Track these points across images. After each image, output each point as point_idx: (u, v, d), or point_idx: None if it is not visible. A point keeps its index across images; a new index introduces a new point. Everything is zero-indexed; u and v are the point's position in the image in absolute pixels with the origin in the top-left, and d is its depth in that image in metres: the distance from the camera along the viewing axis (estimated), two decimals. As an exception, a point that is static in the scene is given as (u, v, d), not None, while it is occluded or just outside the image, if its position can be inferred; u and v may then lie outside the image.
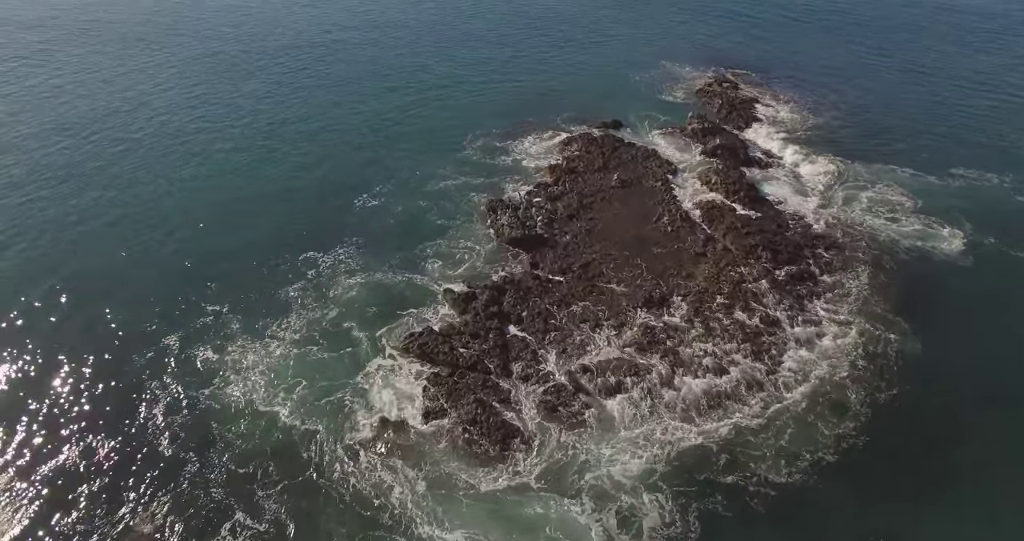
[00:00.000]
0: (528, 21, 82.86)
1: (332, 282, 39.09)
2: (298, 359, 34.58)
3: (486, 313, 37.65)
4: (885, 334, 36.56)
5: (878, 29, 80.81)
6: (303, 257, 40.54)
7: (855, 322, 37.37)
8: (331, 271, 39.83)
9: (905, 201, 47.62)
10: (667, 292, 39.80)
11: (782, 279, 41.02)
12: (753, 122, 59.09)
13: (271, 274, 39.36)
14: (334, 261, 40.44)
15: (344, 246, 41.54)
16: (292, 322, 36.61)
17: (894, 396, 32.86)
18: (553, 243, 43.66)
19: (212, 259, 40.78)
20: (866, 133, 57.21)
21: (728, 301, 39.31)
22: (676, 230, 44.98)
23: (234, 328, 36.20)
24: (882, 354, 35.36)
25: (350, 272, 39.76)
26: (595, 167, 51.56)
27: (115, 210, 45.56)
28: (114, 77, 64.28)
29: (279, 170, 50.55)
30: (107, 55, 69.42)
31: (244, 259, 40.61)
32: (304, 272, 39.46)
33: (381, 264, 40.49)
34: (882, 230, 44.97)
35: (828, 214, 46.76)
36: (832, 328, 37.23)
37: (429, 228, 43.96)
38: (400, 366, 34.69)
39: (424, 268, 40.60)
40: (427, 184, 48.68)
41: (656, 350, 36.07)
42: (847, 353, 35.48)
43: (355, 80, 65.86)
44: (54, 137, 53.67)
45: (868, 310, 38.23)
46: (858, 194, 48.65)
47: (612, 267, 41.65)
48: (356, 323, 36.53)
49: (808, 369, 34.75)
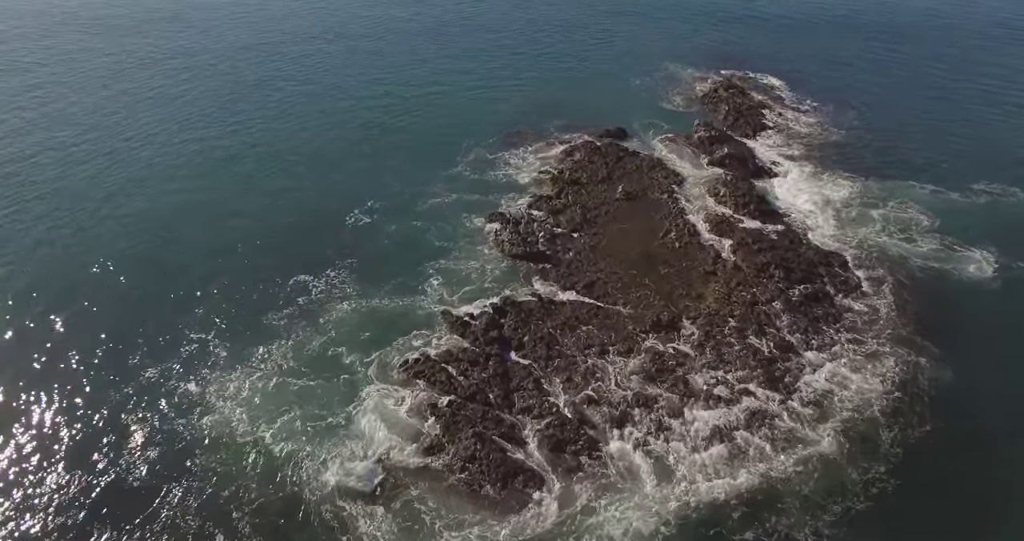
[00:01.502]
0: (524, 24, 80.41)
1: (324, 307, 36.91)
2: (287, 389, 32.51)
3: (485, 338, 35.66)
4: (911, 363, 34.31)
5: (889, 31, 78.23)
6: (293, 281, 38.32)
7: (878, 349, 35.24)
8: (323, 296, 37.63)
9: (923, 219, 44.93)
10: (676, 315, 37.83)
11: (796, 300, 39.06)
12: (761, 130, 57.09)
13: (260, 299, 37.20)
14: (326, 285, 38.21)
15: (336, 268, 39.32)
16: (281, 350, 34.50)
17: (927, 433, 30.56)
18: (556, 260, 41.64)
19: (199, 283, 38.61)
20: (880, 144, 54.53)
21: (740, 324, 37.35)
22: (684, 246, 42.99)
23: (220, 357, 34.12)
24: (909, 385, 33.07)
25: (342, 297, 37.53)
26: (599, 178, 49.53)
27: (97, 227, 43.36)
28: (99, 86, 61.76)
29: (268, 183, 48.02)
30: (89, 62, 67.12)
31: (232, 283, 38.44)
32: (294, 297, 37.30)
33: (374, 287, 38.27)
34: (899, 250, 42.44)
35: (841, 231, 44.62)
36: (853, 355, 35.22)
37: (424, 247, 41.71)
38: (395, 396, 32.66)
39: (420, 290, 38.42)
40: (421, 198, 46.32)
41: (665, 379, 34.13)
42: (871, 384, 33.35)
43: (345, 87, 63.06)
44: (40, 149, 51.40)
45: (891, 336, 36.01)
46: (873, 210, 45.90)
47: (618, 287, 39.66)
48: (348, 350, 34.49)
49: (829, 401, 32.71)
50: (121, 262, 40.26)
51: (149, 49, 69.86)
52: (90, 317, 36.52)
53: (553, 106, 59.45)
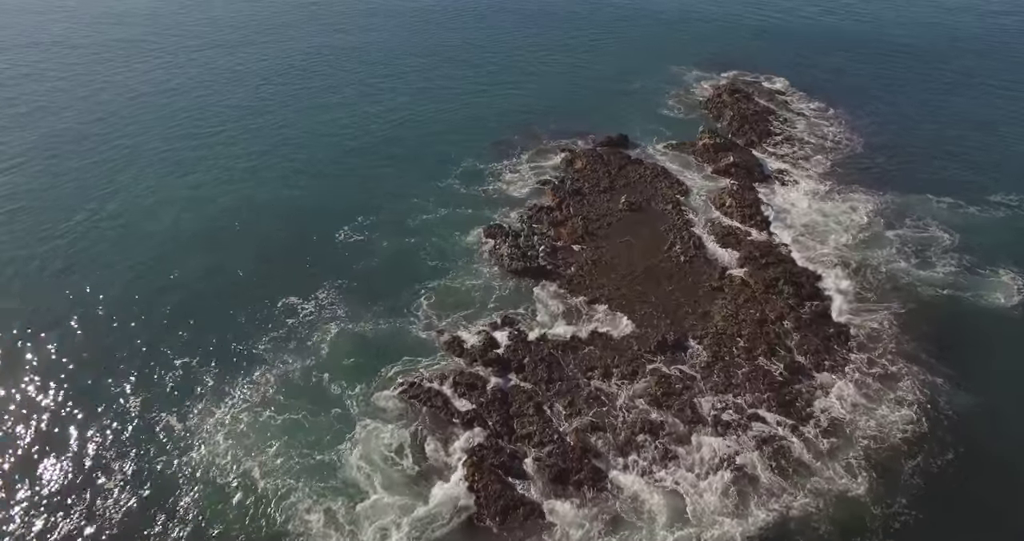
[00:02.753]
0: (521, 26, 78.80)
1: (313, 332, 35.11)
2: (273, 422, 30.71)
3: (484, 360, 34.16)
4: (929, 388, 32.66)
5: (897, 35, 76.50)
6: (282, 303, 36.58)
7: (894, 373, 33.65)
8: (312, 318, 35.90)
9: (943, 236, 42.68)
10: (681, 334, 36.32)
11: (807, 317, 37.56)
12: (767, 137, 55.59)
13: (247, 322, 35.49)
14: (315, 307, 36.47)
15: (326, 289, 37.55)
16: (268, 378, 32.77)
17: (948, 462, 29.07)
18: (556, 275, 40.12)
19: (184, 304, 36.93)
20: (892, 153, 52.63)
21: (749, 344, 35.86)
22: (689, 260, 41.50)
23: (205, 385, 32.45)
24: (928, 412, 31.44)
25: (332, 320, 35.80)
26: (601, 188, 48.03)
27: (78, 244, 41.70)
28: (73, 100, 59.85)
29: (255, 199, 46.05)
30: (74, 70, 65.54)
31: (219, 304, 36.73)
32: (282, 320, 35.58)
33: (366, 310, 36.46)
34: (917, 274, 40.07)
35: (851, 243, 42.95)
36: (867, 379, 33.69)
37: (418, 264, 39.93)
38: (388, 426, 30.79)
39: (413, 312, 36.66)
40: (414, 212, 44.48)
41: (671, 403, 32.62)
42: (888, 410, 31.77)
43: (331, 99, 60.92)
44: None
45: (905, 358, 34.41)
46: (889, 231, 43.69)
47: (621, 304, 38.15)
48: (338, 379, 32.70)
49: (845, 428, 31.18)
50: (103, 283, 38.54)
51: (126, 56, 68.17)
52: (71, 341, 34.94)
53: (551, 112, 57.98)
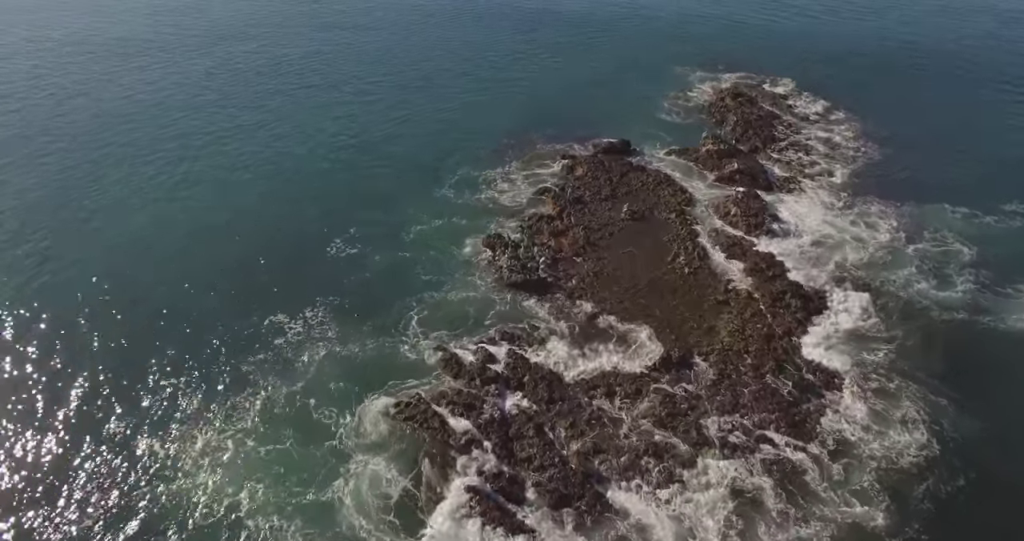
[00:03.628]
0: (517, 26, 77.41)
1: (301, 352, 33.65)
2: (258, 454, 29.11)
3: (482, 378, 33.04)
4: (938, 411, 31.43)
5: (906, 36, 74.95)
6: (269, 321, 35.22)
7: (904, 394, 32.39)
8: (301, 338, 34.47)
9: (962, 250, 40.84)
10: (686, 351, 35.19)
11: (815, 332, 36.44)
12: (772, 142, 54.39)
13: (234, 341, 34.15)
14: (304, 326, 35.08)
15: (316, 307, 36.14)
16: (254, 403, 31.32)
17: (959, 488, 28.03)
18: (557, 288, 38.99)
19: (169, 321, 35.60)
20: (902, 159, 50.70)
21: (756, 361, 34.75)
22: (694, 272, 40.37)
23: (189, 409, 31.11)
24: (937, 434, 30.27)
25: (322, 340, 34.35)
26: (602, 196, 46.88)
27: (57, 248, 40.56)
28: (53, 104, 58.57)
29: (242, 211, 44.25)
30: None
31: (204, 322, 35.34)
32: (270, 340, 34.19)
33: (357, 329, 35.02)
34: (934, 288, 38.52)
35: (868, 259, 41.38)
36: (878, 401, 32.46)
37: (413, 279, 38.51)
38: (383, 460, 29.14)
39: (408, 329, 35.27)
40: (408, 223, 42.98)
41: (676, 424, 31.50)
42: (898, 434, 30.59)
43: (319, 103, 59.13)
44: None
45: (917, 380, 32.99)
46: (903, 236, 42.39)
47: (624, 319, 37.02)
48: (329, 405, 31.14)
49: (854, 452, 30.04)
50: (78, 294, 37.15)
51: (123, 54, 67.16)
52: (43, 356, 33.71)
53: (550, 116, 56.50)
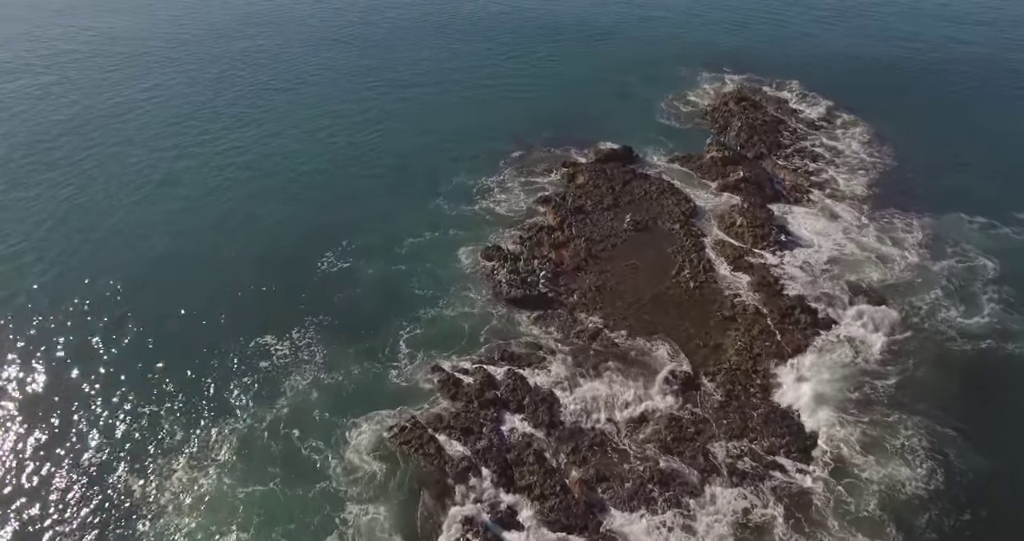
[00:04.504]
0: (515, 27, 75.66)
1: (288, 377, 32.11)
2: (240, 494, 27.50)
3: (480, 401, 31.79)
4: (948, 443, 29.80)
5: (916, 38, 72.89)
6: (255, 343, 33.74)
7: (912, 424, 30.76)
8: (288, 362, 32.94)
9: (986, 265, 39.21)
10: (692, 370, 33.96)
11: (825, 349, 35.21)
12: (778, 149, 53.01)
13: (219, 365, 32.75)
14: (291, 348, 33.57)
15: (304, 327, 34.67)
16: (238, 434, 29.72)
17: (966, 522, 26.76)
18: (558, 304, 37.73)
19: (152, 342, 34.20)
20: (913, 164, 49.17)
21: (765, 382, 33.53)
22: (699, 286, 39.12)
23: (171, 439, 29.68)
24: (944, 465, 28.84)
25: (310, 363, 32.88)
26: (604, 205, 45.57)
27: (38, 265, 39.22)
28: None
29: (228, 223, 42.89)
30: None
31: (189, 343, 33.99)
32: (256, 364, 32.69)
33: (347, 351, 33.55)
34: (960, 313, 36.78)
35: (889, 277, 39.70)
36: (884, 427, 31.03)
37: (407, 295, 37.12)
38: (379, 505, 27.48)
39: (401, 351, 33.89)
40: (402, 235, 41.53)
41: (683, 449, 30.29)
42: (906, 464, 29.12)
43: (307, 109, 57.46)
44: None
45: (928, 407, 31.45)
46: (921, 251, 40.92)
47: (627, 336, 35.78)
48: (318, 436, 29.56)
49: (864, 481, 28.73)
50: (55, 318, 35.72)
51: (118, 56, 65.75)
52: (18, 379, 32.46)
53: (549, 122, 55.03)
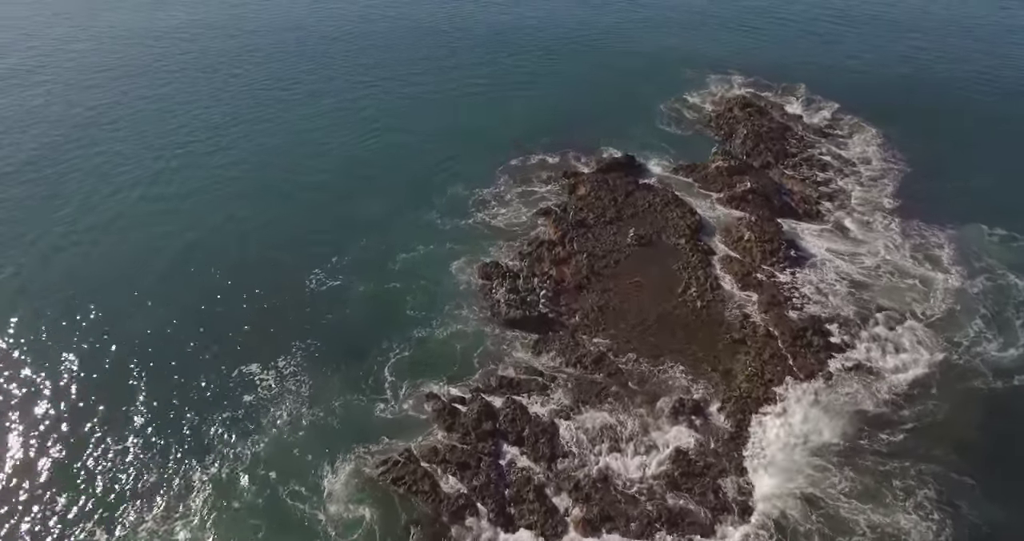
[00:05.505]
0: (513, 29, 73.70)
1: (274, 412, 30.21)
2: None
3: (477, 432, 30.06)
4: (961, 491, 27.95)
5: (925, 41, 71.13)
6: (238, 372, 31.78)
7: (921, 471, 28.86)
8: (273, 394, 30.98)
9: (1017, 284, 37.95)
10: (701, 398, 32.27)
11: (839, 375, 33.60)
12: (785, 157, 51.25)
13: (199, 397, 30.80)
14: (276, 378, 31.56)
15: (291, 354, 32.71)
16: (216, 479, 27.73)
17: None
18: (559, 326, 35.99)
19: (124, 374, 32.15)
20: (926, 172, 47.58)
21: (774, 410, 31.84)
22: (707, 305, 37.42)
23: (145, 482, 27.74)
24: (955, 518, 26.92)
25: (297, 395, 30.91)
26: (607, 218, 43.80)
27: (13, 281, 37.31)
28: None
29: (212, 238, 40.87)
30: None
31: (168, 372, 32.07)
32: (238, 396, 30.76)
33: (336, 380, 31.65)
34: (990, 340, 35.15)
35: (892, 287, 38.64)
36: (890, 473, 29.14)
37: (400, 316, 35.25)
38: None
39: (393, 379, 32.01)
40: (396, 249, 39.80)
41: (692, 485, 28.60)
42: (912, 514, 27.30)
43: (295, 115, 55.17)
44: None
45: (944, 452, 29.50)
46: (941, 266, 39.48)
47: (632, 360, 34.08)
48: (302, 478, 27.70)
49: (859, 527, 26.95)
50: (38, 344, 33.81)
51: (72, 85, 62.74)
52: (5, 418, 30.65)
53: (548, 128, 53.14)
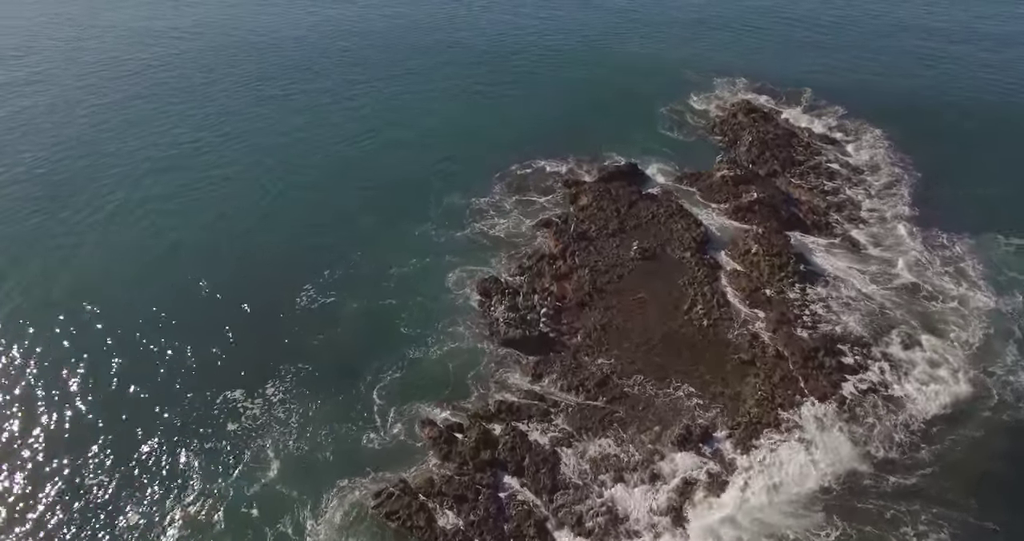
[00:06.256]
0: (513, 32, 72.01)
1: (259, 442, 28.75)
2: None
3: (475, 462, 28.64)
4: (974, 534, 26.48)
5: (934, 43, 69.25)
6: (223, 398, 30.21)
7: (940, 511, 27.31)
8: (259, 423, 29.44)
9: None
10: (709, 424, 30.87)
11: (852, 399, 32.23)
12: (792, 166, 49.68)
13: (183, 423, 29.38)
14: (263, 405, 29.98)
15: (279, 378, 31.13)
16: (195, 522, 26.20)
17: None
18: (560, 346, 34.57)
19: (107, 399, 30.77)
20: (937, 180, 46.27)
21: (785, 437, 30.47)
22: (714, 324, 36.03)
23: (125, 523, 26.39)
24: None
25: (285, 424, 29.34)
26: (609, 230, 42.35)
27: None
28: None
29: (197, 252, 39.52)
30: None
31: (150, 398, 30.67)
32: (222, 425, 29.21)
33: (326, 408, 30.23)
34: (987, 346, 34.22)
35: (899, 296, 37.40)
36: (909, 507, 27.70)
37: (393, 335, 33.87)
38: None
39: (388, 400, 30.70)
40: (390, 263, 38.35)
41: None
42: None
43: (285, 122, 53.49)
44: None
45: (958, 496, 27.88)
46: (943, 276, 38.26)
47: (636, 383, 32.68)
48: (290, 517, 26.39)
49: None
50: (14, 367, 32.40)
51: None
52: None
53: (549, 135, 51.58)
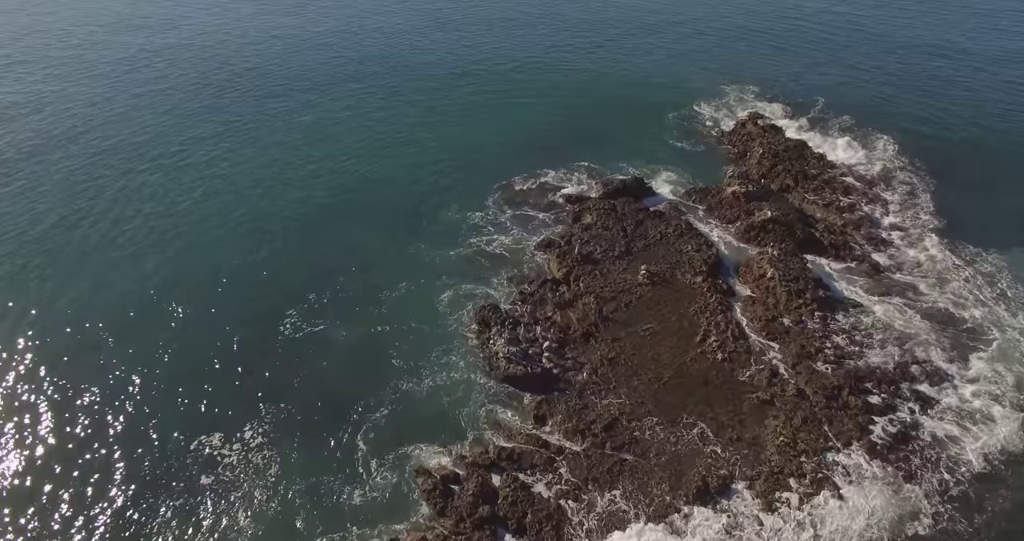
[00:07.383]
0: (515, 35, 69.68)
1: (234, 496, 26.04)
2: None
3: (473, 520, 26.11)
4: None
5: (941, 47, 67.27)
6: (197, 445, 27.43)
7: None
8: (236, 474, 26.74)
9: None
10: (727, 473, 28.38)
11: (881, 446, 29.77)
12: (806, 180, 47.18)
13: (151, 475, 26.58)
14: (241, 454, 27.27)
15: (259, 421, 28.38)
16: None
17: None
18: (565, 383, 32.03)
19: (71, 445, 28.07)
20: (957, 190, 44.28)
21: (813, 489, 28.02)
22: (728, 357, 33.55)
23: None
24: None
25: (264, 475, 26.68)
26: (616, 252, 39.83)
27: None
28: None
29: (178, 270, 37.04)
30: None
31: (117, 443, 28.01)
32: (195, 477, 26.37)
33: (310, 455, 27.61)
34: None
35: (927, 323, 35.04)
36: None
37: (384, 367, 31.39)
38: None
39: (377, 444, 28.16)
40: (381, 286, 36.01)
41: (720, 586, 24.78)
42: None
43: (276, 132, 51.11)
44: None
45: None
46: (977, 302, 35.96)
47: (647, 426, 30.16)
48: None
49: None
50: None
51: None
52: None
53: (550, 146, 49.26)
